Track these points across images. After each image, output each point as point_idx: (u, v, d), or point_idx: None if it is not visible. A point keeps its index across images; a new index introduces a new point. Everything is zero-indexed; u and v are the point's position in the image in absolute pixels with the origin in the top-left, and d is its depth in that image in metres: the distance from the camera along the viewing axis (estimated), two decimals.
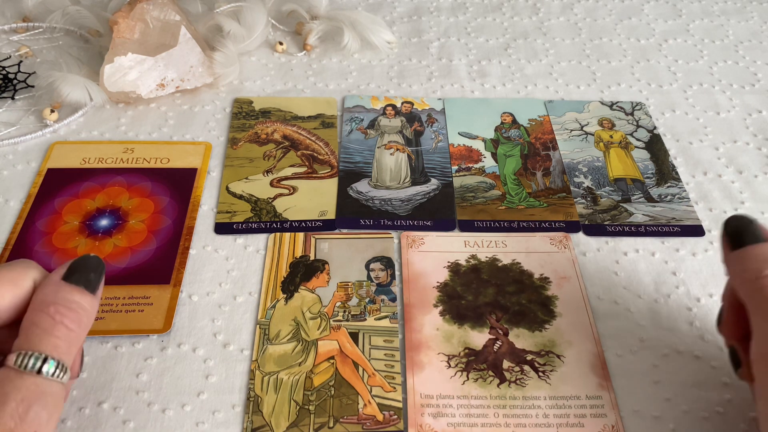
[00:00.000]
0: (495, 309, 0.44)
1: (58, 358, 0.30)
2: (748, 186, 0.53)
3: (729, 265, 0.36)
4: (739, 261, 0.34)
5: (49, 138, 0.55)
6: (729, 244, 0.35)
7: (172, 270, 0.45)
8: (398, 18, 0.71)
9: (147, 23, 0.57)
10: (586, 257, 0.48)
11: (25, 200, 0.50)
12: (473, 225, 0.49)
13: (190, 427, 0.38)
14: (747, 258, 0.34)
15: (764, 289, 0.33)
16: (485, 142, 0.56)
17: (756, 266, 0.33)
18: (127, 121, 0.57)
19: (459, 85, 0.62)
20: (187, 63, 0.57)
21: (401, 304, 0.44)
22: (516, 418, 0.38)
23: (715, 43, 0.69)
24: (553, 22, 0.71)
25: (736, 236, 0.35)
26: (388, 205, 0.51)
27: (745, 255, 0.34)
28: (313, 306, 0.44)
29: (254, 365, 0.40)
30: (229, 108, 0.59)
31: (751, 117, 0.60)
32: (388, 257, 0.47)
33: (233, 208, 0.50)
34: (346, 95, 0.61)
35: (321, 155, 0.55)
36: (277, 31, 0.68)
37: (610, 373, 0.41)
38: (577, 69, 0.65)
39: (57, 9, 0.65)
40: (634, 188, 0.53)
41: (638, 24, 0.71)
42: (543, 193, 0.52)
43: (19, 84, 0.59)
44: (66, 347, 0.31)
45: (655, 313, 0.44)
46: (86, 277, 0.33)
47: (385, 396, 0.39)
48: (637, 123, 0.58)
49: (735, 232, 0.35)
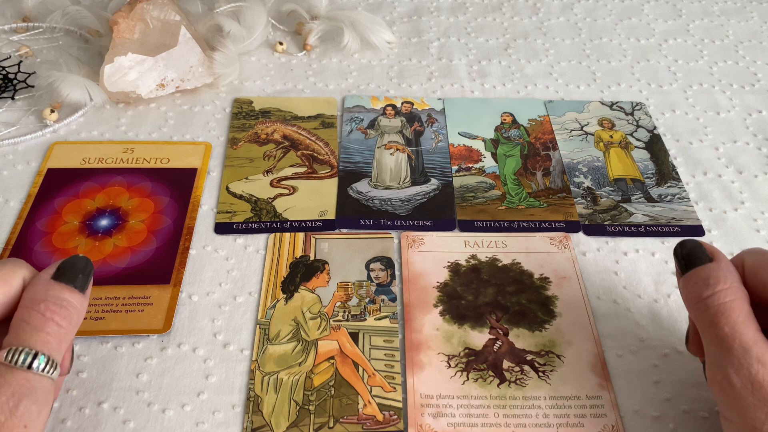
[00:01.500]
0: (495, 309, 0.44)
1: (48, 353, 0.31)
2: (748, 186, 0.53)
3: (680, 289, 0.36)
4: (685, 284, 0.35)
5: (49, 138, 0.55)
6: (679, 269, 0.36)
7: (172, 270, 0.45)
8: (398, 18, 0.71)
9: (147, 23, 0.57)
10: (586, 257, 0.48)
11: (25, 200, 0.50)
12: (473, 225, 0.49)
13: (190, 427, 0.38)
14: (691, 281, 0.34)
15: (705, 312, 0.33)
16: (485, 142, 0.56)
17: (697, 288, 0.33)
18: (127, 121, 0.57)
19: (459, 85, 0.62)
20: (187, 63, 0.57)
21: (401, 304, 0.44)
22: (516, 418, 0.38)
23: (715, 43, 0.69)
24: (553, 22, 0.71)
25: (684, 260, 0.35)
26: (388, 205, 0.51)
27: (690, 278, 0.34)
28: (313, 306, 0.44)
29: (254, 365, 0.40)
30: (229, 108, 0.59)
31: (751, 117, 0.60)
32: (388, 257, 0.47)
33: (233, 208, 0.50)
34: (346, 95, 0.61)
35: (321, 155, 0.55)
36: (277, 31, 0.68)
37: (610, 373, 0.41)
38: (577, 69, 0.65)
39: (57, 9, 0.65)
40: (634, 188, 0.53)
41: (638, 24, 0.71)
42: (543, 193, 0.52)
43: (19, 84, 0.59)
44: (56, 343, 0.31)
45: (655, 313, 0.44)
46: (75, 276, 0.33)
47: (385, 396, 0.39)
48: (637, 123, 0.58)
49: (684, 256, 0.35)
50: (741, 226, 0.50)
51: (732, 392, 0.31)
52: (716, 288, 0.33)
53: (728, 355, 0.31)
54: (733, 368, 0.31)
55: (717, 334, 0.32)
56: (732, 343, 0.31)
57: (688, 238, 0.37)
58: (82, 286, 0.33)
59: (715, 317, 0.32)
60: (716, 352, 0.32)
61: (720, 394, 0.32)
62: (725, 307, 0.32)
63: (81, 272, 0.34)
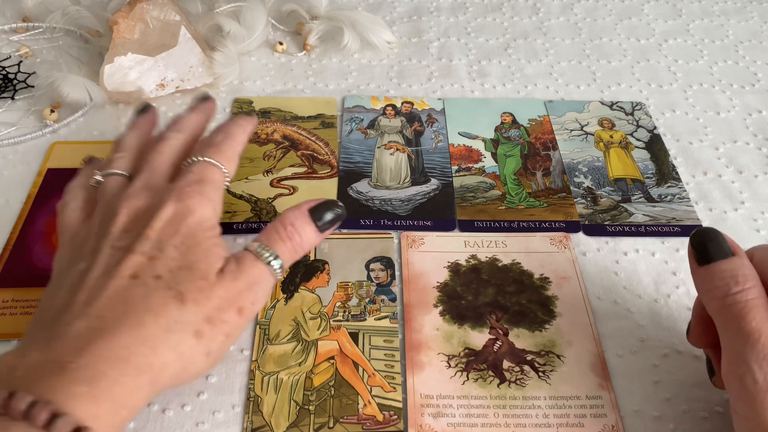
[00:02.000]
0: (495, 309, 0.44)
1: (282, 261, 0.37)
2: (748, 186, 0.53)
3: (697, 280, 0.35)
4: (707, 278, 0.34)
5: (49, 138, 0.55)
6: (696, 258, 0.35)
7: None
8: (398, 18, 0.71)
9: (147, 23, 0.57)
10: (586, 257, 0.48)
11: (25, 200, 0.50)
12: (473, 225, 0.49)
13: (190, 427, 0.38)
14: (714, 275, 0.34)
15: (732, 307, 0.32)
16: (485, 142, 0.56)
17: (723, 284, 0.33)
18: (127, 121, 0.57)
19: (459, 85, 0.62)
20: (187, 63, 0.57)
21: (401, 304, 0.44)
22: (516, 418, 0.38)
23: (715, 43, 0.69)
24: (553, 22, 0.71)
25: (702, 250, 0.35)
26: (388, 205, 0.51)
27: (713, 272, 0.34)
28: (313, 306, 0.44)
29: (254, 365, 0.40)
30: (229, 108, 0.59)
31: (751, 117, 0.60)
32: (388, 257, 0.47)
33: (233, 208, 0.50)
34: (346, 95, 0.61)
35: (321, 155, 0.55)
36: (277, 31, 0.68)
37: (610, 373, 0.41)
38: (577, 69, 0.65)
39: (57, 9, 0.65)
40: (634, 188, 0.53)
41: (638, 24, 0.71)
42: (543, 193, 0.52)
43: (19, 84, 0.59)
44: (288, 256, 0.37)
45: (655, 313, 0.44)
46: (322, 217, 0.39)
47: (385, 396, 0.39)
48: (637, 123, 0.59)
49: (702, 246, 0.35)
50: (741, 226, 0.50)
51: (753, 387, 0.31)
52: (745, 285, 0.33)
53: (753, 350, 0.31)
54: (757, 363, 0.31)
55: (743, 329, 0.32)
56: (759, 337, 0.31)
57: (705, 227, 0.36)
58: (323, 227, 0.39)
59: (743, 312, 0.32)
60: (740, 347, 0.32)
61: (738, 388, 0.32)
62: (754, 303, 0.32)
63: (329, 218, 0.39)
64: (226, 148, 0.40)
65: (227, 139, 0.41)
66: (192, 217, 0.36)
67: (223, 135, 0.41)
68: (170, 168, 0.40)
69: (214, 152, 0.40)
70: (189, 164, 0.39)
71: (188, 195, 0.36)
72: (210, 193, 0.38)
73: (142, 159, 0.40)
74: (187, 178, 0.38)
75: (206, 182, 0.38)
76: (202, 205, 0.37)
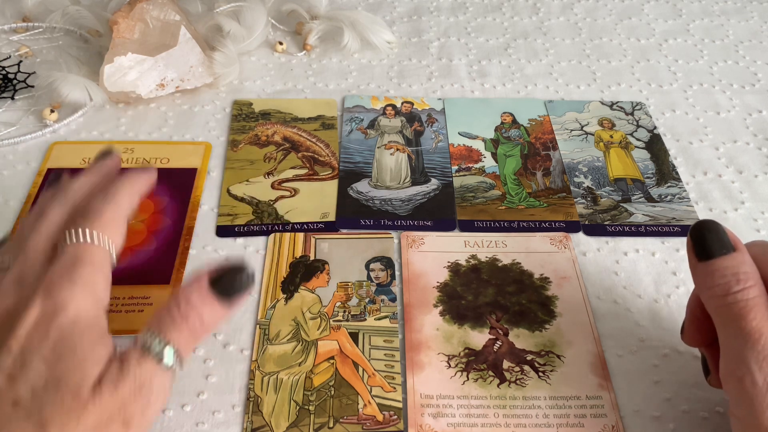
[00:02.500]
0: (495, 309, 0.44)
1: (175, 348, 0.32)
2: (748, 186, 0.53)
3: (696, 276, 0.34)
4: (707, 275, 0.32)
5: (49, 138, 0.55)
6: (695, 252, 0.33)
7: (172, 270, 0.45)
8: (398, 18, 0.71)
9: (147, 23, 0.57)
10: (586, 257, 0.48)
11: (25, 200, 0.50)
12: (473, 225, 0.49)
13: (190, 428, 0.38)
14: (715, 272, 0.32)
15: (732, 306, 0.31)
16: (485, 142, 0.56)
17: (724, 282, 0.32)
18: (127, 121, 0.57)
19: (459, 85, 0.62)
20: (187, 63, 0.57)
21: (401, 304, 0.44)
22: (516, 419, 0.38)
23: (715, 43, 0.69)
24: (553, 22, 0.71)
25: (702, 243, 0.33)
26: (388, 205, 0.51)
27: (714, 269, 0.32)
28: (313, 306, 0.44)
29: (254, 365, 0.40)
30: (229, 108, 0.59)
31: (751, 117, 0.60)
32: (388, 257, 0.47)
33: (235, 210, 0.50)
34: (346, 95, 0.61)
35: (322, 157, 0.55)
36: (277, 31, 0.68)
37: (610, 373, 0.41)
38: (577, 69, 0.65)
39: (57, 9, 0.65)
40: (634, 188, 0.53)
41: (638, 24, 0.71)
42: (543, 193, 0.52)
43: (19, 84, 0.59)
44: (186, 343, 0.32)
45: (655, 313, 0.44)
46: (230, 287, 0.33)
47: (385, 396, 0.39)
48: (637, 123, 0.58)
49: (701, 238, 0.33)
50: (741, 226, 0.50)
51: (752, 389, 0.30)
52: (747, 283, 0.31)
53: (753, 350, 0.30)
54: (757, 364, 0.30)
55: (743, 328, 0.31)
56: (759, 337, 0.30)
57: (706, 219, 0.34)
58: (230, 299, 0.33)
59: (744, 311, 0.31)
60: (740, 347, 0.31)
61: (737, 390, 0.31)
62: (755, 302, 0.31)
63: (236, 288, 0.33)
64: (109, 215, 0.34)
65: (109, 204, 0.35)
66: (64, 315, 0.30)
67: (102, 199, 0.35)
68: (50, 250, 0.34)
69: (93, 221, 0.34)
70: (62, 246, 0.33)
71: (59, 287, 0.31)
72: (87, 279, 0.32)
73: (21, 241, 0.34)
74: (58, 265, 0.32)
75: (82, 265, 0.32)
76: (77, 297, 0.31)
